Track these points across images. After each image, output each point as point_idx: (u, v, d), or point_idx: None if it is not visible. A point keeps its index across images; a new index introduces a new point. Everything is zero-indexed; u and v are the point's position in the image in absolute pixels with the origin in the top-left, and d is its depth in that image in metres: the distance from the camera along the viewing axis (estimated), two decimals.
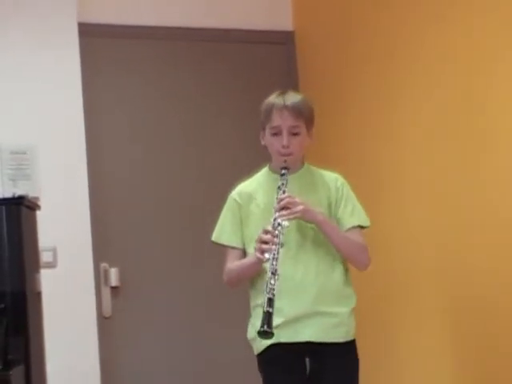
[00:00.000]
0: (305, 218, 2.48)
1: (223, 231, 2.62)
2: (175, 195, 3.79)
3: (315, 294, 2.51)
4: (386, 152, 3.54)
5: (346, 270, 2.60)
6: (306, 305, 2.51)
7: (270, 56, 4.00)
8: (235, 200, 2.60)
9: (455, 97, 2.96)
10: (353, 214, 2.58)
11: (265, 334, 2.31)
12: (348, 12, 3.75)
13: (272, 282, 2.34)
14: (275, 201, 2.45)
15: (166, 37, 3.80)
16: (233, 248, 2.59)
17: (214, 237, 2.61)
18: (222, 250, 2.63)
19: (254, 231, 2.53)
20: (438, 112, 3.05)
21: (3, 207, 2.83)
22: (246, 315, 2.71)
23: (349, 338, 2.52)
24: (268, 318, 2.30)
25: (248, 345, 2.63)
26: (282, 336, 2.46)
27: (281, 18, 4.05)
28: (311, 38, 4.07)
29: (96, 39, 3.66)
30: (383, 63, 3.42)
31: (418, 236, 3.31)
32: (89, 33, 3.61)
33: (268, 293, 2.33)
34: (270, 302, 2.33)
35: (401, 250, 3.28)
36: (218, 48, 3.95)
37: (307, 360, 2.54)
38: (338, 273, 2.56)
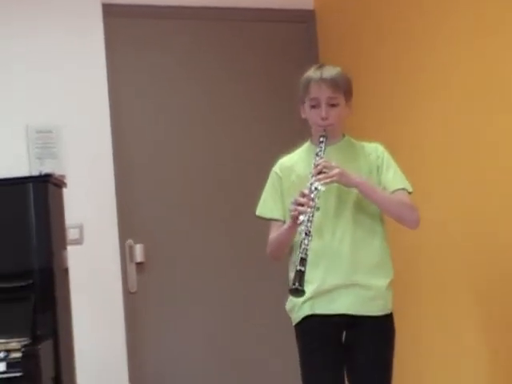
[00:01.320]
0: (342, 182, 2.47)
1: (265, 206, 2.67)
2: (198, 173, 3.87)
3: (351, 263, 2.50)
4: (405, 130, 3.53)
5: (386, 242, 2.60)
6: (342, 275, 2.50)
7: (292, 34, 4.05)
8: (276, 173, 2.64)
9: (478, 75, 2.92)
10: (395, 177, 2.58)
11: (296, 291, 2.33)
12: None
13: (306, 242, 2.36)
14: (312, 166, 2.48)
15: (189, 16, 3.84)
16: (275, 220, 2.63)
17: (258, 212, 2.66)
18: (251, 224, 2.74)
19: None
20: (460, 90, 2.99)
21: (30, 185, 2.88)
22: (271, 287, 2.75)
23: (386, 312, 2.52)
24: (300, 276, 2.33)
25: (285, 316, 2.65)
26: (316, 307, 2.49)
27: None
28: (331, 16, 4.10)
29: (120, 19, 3.68)
30: (402, 41, 3.42)
31: (445, 209, 3.30)
32: (112, 13, 3.64)
33: (301, 252, 2.35)
34: (303, 261, 2.35)
35: (427, 224, 3.21)
36: (240, 27, 3.98)
37: (344, 333, 2.57)
38: (376, 244, 2.56)
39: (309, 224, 2.36)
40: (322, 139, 2.48)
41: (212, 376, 3.83)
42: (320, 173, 2.41)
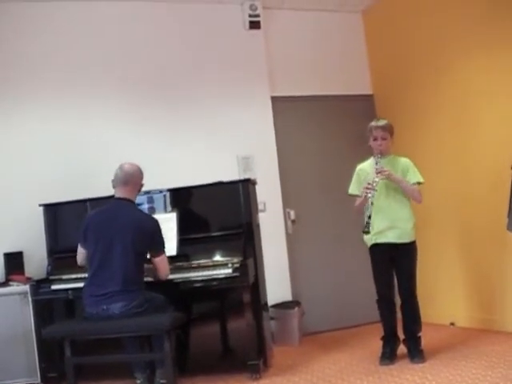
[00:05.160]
0: (390, 178, 3.39)
1: (352, 188, 3.63)
2: (320, 174, 5.02)
3: (394, 217, 3.47)
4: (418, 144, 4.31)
5: (410, 207, 3.55)
6: (389, 222, 3.48)
7: (361, 107, 5.17)
8: (357, 172, 3.64)
9: None
10: (413, 176, 3.50)
11: (366, 232, 3.33)
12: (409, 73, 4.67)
13: (370, 208, 3.29)
14: (374, 170, 3.40)
15: (306, 100, 5.01)
16: (357, 195, 3.55)
17: (349, 192, 3.64)
18: (351, 198, 3.69)
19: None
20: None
21: (240, 184, 3.85)
22: (357, 230, 3.62)
23: (412, 240, 3.51)
24: (368, 225, 3.28)
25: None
26: (377, 239, 3.49)
27: (364, 86, 5.29)
28: (384, 96, 5.06)
29: (280, 103, 4.95)
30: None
31: (440, 191, 4.22)
32: (275, 99, 4.90)
33: (368, 213, 3.29)
34: (369, 218, 3.29)
35: (430, 198, 3.95)
36: (336, 105, 5.05)
37: (391, 252, 3.51)
38: (406, 207, 3.53)
39: (372, 198, 3.33)
40: (379, 156, 3.46)
41: (332, 277, 4.94)
42: (378, 173, 3.36)
